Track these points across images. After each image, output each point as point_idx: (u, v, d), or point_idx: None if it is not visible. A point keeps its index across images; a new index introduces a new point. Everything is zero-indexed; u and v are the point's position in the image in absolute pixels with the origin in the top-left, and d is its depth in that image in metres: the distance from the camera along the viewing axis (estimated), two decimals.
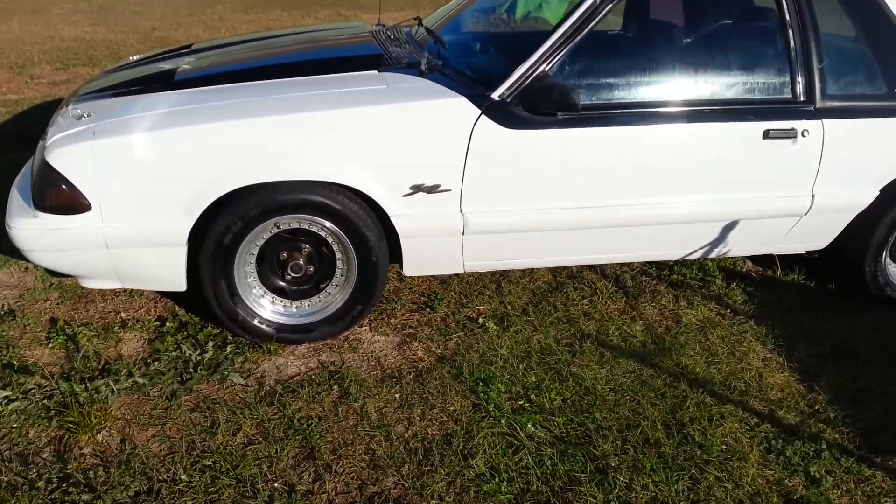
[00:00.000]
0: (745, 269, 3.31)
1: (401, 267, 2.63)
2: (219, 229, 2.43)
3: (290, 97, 2.50)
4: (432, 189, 2.50)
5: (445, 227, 2.56)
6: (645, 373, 2.55)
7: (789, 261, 3.24)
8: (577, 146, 2.53)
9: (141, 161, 2.33)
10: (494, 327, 2.77)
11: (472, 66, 2.80)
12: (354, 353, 2.60)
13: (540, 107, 2.46)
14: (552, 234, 2.67)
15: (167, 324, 2.69)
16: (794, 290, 3.16)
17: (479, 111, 2.46)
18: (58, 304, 2.81)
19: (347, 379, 2.44)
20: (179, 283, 2.54)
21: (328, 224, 2.50)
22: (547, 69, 2.49)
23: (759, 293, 3.10)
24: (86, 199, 2.34)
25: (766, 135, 2.64)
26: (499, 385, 2.43)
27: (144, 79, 2.88)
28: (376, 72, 2.71)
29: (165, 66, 3.03)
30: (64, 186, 2.32)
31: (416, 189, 2.49)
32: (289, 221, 2.51)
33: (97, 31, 8.61)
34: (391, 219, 2.51)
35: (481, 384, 2.43)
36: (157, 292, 2.88)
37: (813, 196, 2.77)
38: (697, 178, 2.67)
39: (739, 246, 2.91)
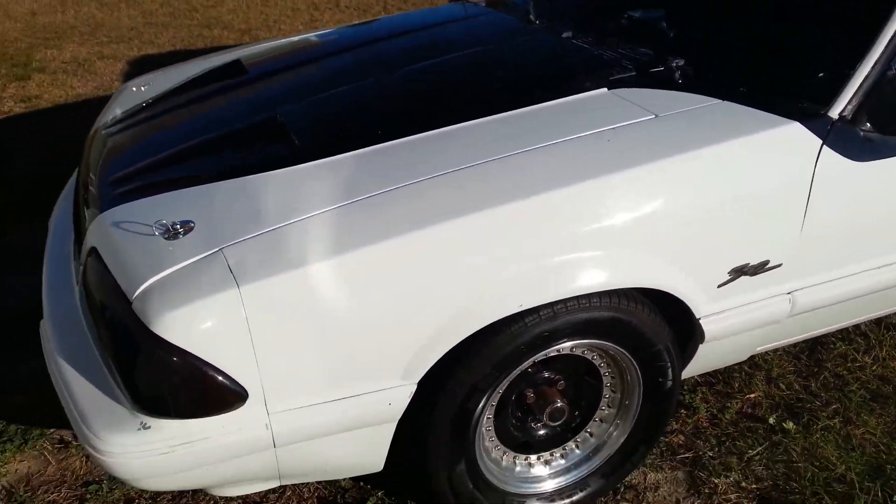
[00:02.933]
0: None
1: None
2: (461, 389, 1.46)
3: (526, 158, 1.51)
4: (758, 268, 1.61)
5: (766, 317, 1.69)
6: None
7: None
8: None
9: (326, 307, 1.32)
10: (794, 427, 1.96)
11: (759, 65, 1.84)
12: None
13: None
14: (885, 294, 1.86)
15: None
16: None
17: (821, 141, 1.58)
18: None
19: None
20: (377, 464, 1.57)
21: (605, 345, 1.58)
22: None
23: None
24: (238, 385, 1.31)
25: None
26: None
27: (225, 141, 1.75)
28: (606, 90, 1.75)
29: (241, 109, 1.90)
30: (199, 372, 1.28)
31: (738, 273, 1.60)
32: (551, 352, 1.57)
33: None
34: (699, 321, 1.62)
35: None
36: None
37: None
38: None
39: None
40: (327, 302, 1.32)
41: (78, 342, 1.54)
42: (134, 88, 2.27)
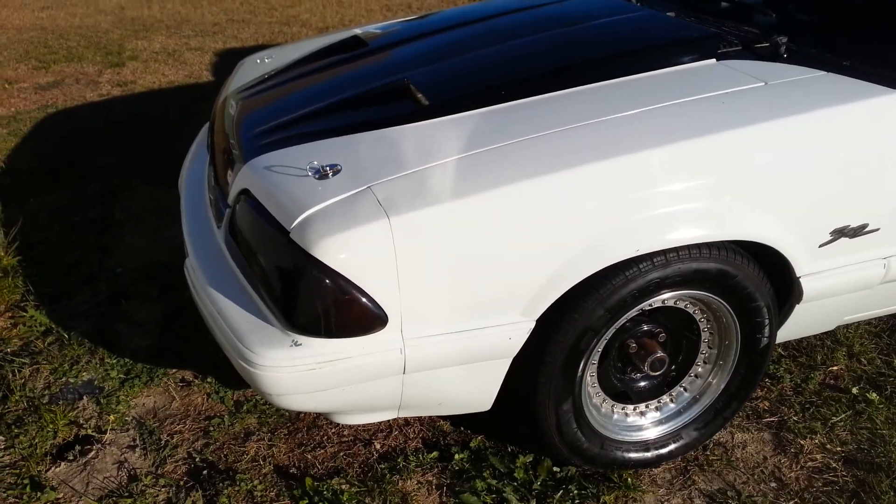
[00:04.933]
0: None
1: None
2: (574, 329, 1.59)
3: (643, 116, 1.64)
4: (858, 231, 1.70)
5: (860, 281, 1.78)
6: None
7: None
8: None
9: (463, 242, 1.46)
10: (877, 398, 2.03)
11: (860, 40, 1.92)
12: (736, 472, 1.82)
13: None
14: None
15: (456, 455, 1.83)
16: None
17: None
18: (269, 443, 1.91)
19: None
20: (486, 402, 1.70)
21: (709, 297, 1.69)
22: None
23: None
24: (381, 309, 1.46)
25: None
26: None
27: (357, 100, 1.91)
28: (714, 61, 1.87)
29: (368, 74, 2.06)
30: (349, 294, 1.43)
31: (839, 234, 1.69)
32: (656, 301, 1.68)
33: (55, 16, 7.22)
34: (799, 279, 1.72)
35: None
36: None
37: None
38: None
39: None
40: (464, 237, 1.45)
41: (224, 276, 1.71)
42: (258, 60, 2.46)
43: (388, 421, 1.95)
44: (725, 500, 1.73)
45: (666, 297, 1.66)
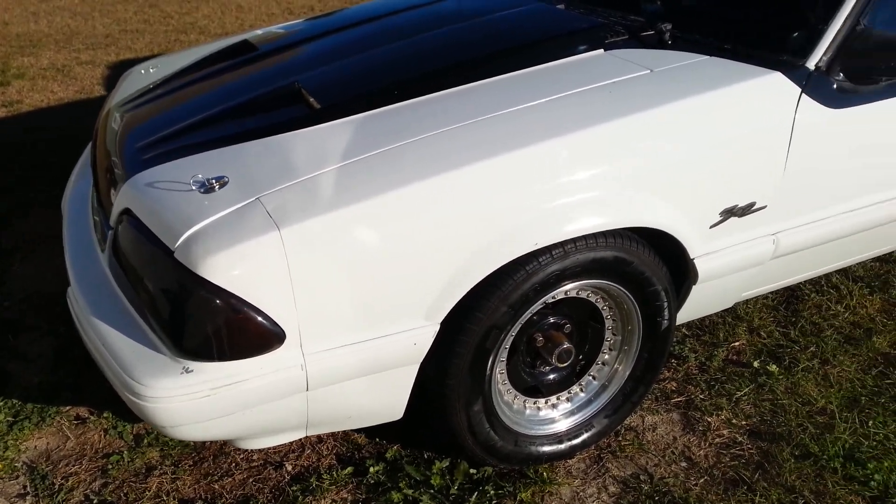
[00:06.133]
0: None
1: None
2: (479, 328, 1.57)
3: (534, 110, 1.64)
4: (746, 210, 1.76)
5: (752, 258, 1.83)
6: None
7: None
8: None
9: (358, 249, 1.42)
10: (776, 369, 2.11)
11: (740, 24, 2.00)
12: (648, 455, 1.85)
13: (874, 73, 1.78)
14: (858, 237, 2.02)
15: (371, 469, 1.79)
16: None
17: (799, 90, 1.73)
18: (173, 476, 1.81)
19: (684, 502, 1.69)
20: (398, 411, 1.67)
21: (609, 286, 1.71)
22: (864, 19, 1.79)
23: None
24: (277, 325, 1.40)
25: None
26: (876, 461, 1.78)
27: (246, 107, 1.83)
28: (603, 51, 1.89)
29: (257, 80, 1.98)
30: (241, 313, 1.37)
31: (728, 214, 1.74)
32: (558, 294, 1.68)
33: None
34: (693, 261, 1.76)
35: (852, 465, 1.78)
36: None
37: None
38: None
39: None
40: (359, 244, 1.41)
41: (109, 303, 1.61)
42: (143, 71, 2.35)
43: (300, 440, 1.89)
44: (638, 484, 1.75)
45: (568, 289, 1.67)
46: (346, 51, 2.08)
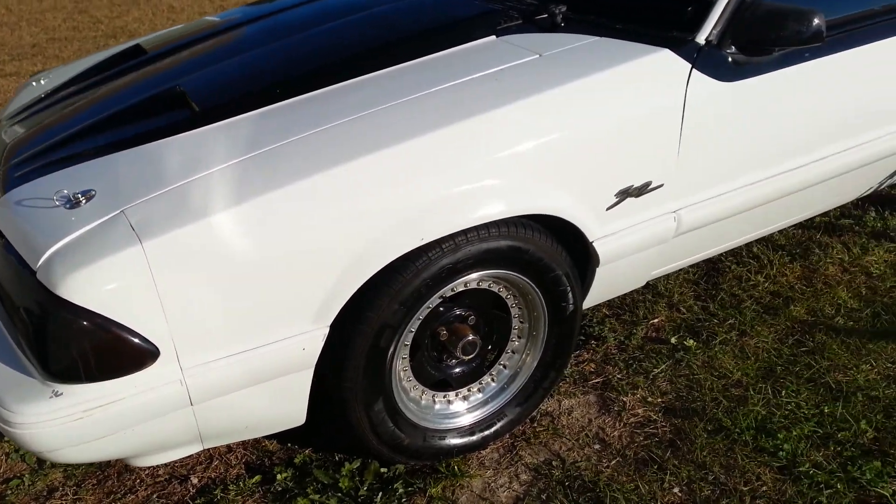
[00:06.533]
0: (883, 192, 2.85)
1: None
2: (371, 328, 1.53)
3: (419, 102, 1.60)
4: (642, 189, 1.74)
5: (654, 236, 1.82)
6: None
7: None
8: (807, 86, 1.88)
9: (230, 257, 1.37)
10: (694, 343, 2.11)
11: (630, 2, 1.98)
12: (562, 439, 1.83)
13: (765, 44, 1.76)
14: (765, 209, 2.01)
15: (278, 475, 1.74)
16: None
17: (690, 65, 1.71)
18: (75, 497, 1.74)
19: (594, 485, 1.68)
20: (299, 416, 1.62)
21: (508, 275, 1.68)
22: None
23: None
24: (149, 342, 1.35)
25: None
26: (785, 431, 1.79)
27: (126, 114, 1.76)
28: (495, 37, 1.85)
29: (141, 85, 1.92)
30: (107, 332, 1.31)
31: (624, 195, 1.72)
32: (457, 285, 1.65)
33: None
34: (592, 244, 1.73)
35: (763, 436, 1.78)
36: None
37: None
38: None
39: None
40: (231, 251, 1.36)
41: None
42: (34, 83, 2.26)
43: (208, 451, 1.84)
44: (550, 470, 1.74)
45: (467, 280, 1.64)
46: (234, 50, 2.02)
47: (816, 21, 1.69)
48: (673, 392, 1.95)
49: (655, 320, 2.23)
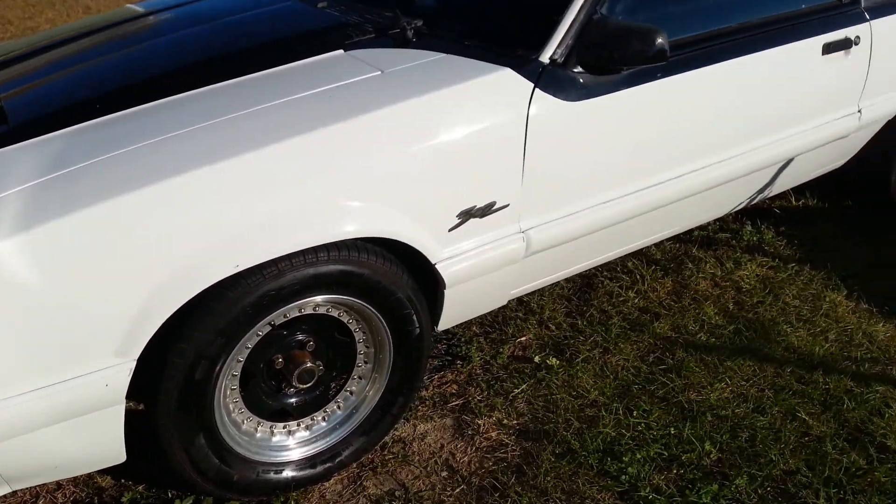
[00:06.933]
0: (765, 206, 2.89)
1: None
2: (185, 360, 1.44)
3: (236, 121, 1.50)
4: (486, 210, 1.69)
5: (503, 257, 1.77)
6: (767, 372, 2.04)
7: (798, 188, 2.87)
8: (658, 104, 1.86)
9: (16, 288, 1.26)
10: (557, 362, 2.08)
11: (481, 19, 1.93)
12: (410, 467, 1.77)
13: (610, 62, 1.73)
14: (624, 226, 1.99)
15: None
16: (816, 218, 2.84)
17: (532, 84, 1.67)
18: None
19: None
20: (116, 454, 1.51)
21: (345, 300, 1.61)
22: (600, 8, 1.74)
23: (789, 230, 2.72)
24: None
25: (826, 49, 2.16)
26: (631, 453, 1.77)
27: None
28: (342, 52, 1.77)
29: None
30: None
31: (466, 216, 1.66)
32: (289, 312, 1.57)
33: None
34: (435, 267, 1.67)
35: (609, 459, 1.76)
36: None
37: (860, 111, 2.38)
38: (775, 112, 2.15)
39: (783, 184, 2.47)
40: (17, 283, 1.26)
41: None
42: None
43: (33, 489, 1.71)
44: (392, 501, 1.68)
45: (301, 305, 1.56)
46: (68, 63, 1.88)
47: (659, 40, 1.66)
48: (529, 413, 1.92)
49: (523, 338, 2.19)
